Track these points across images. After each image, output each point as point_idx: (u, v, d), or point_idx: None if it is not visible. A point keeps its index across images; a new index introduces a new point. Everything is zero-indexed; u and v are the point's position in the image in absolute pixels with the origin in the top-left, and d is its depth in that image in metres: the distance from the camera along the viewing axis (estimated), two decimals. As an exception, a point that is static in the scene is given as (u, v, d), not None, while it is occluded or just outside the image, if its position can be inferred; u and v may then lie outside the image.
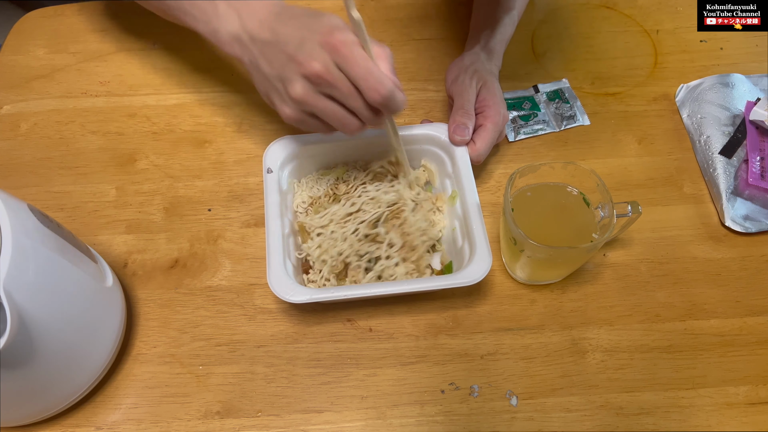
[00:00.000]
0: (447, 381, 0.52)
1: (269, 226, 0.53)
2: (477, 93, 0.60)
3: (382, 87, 0.45)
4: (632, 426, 0.50)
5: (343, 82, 0.45)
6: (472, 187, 0.55)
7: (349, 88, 0.46)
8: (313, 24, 0.45)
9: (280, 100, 0.49)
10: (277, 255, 0.51)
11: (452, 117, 0.59)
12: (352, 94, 0.46)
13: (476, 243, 0.52)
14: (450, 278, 0.51)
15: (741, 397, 0.52)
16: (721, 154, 0.62)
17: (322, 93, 0.47)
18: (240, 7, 0.49)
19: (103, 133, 0.66)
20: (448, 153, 0.58)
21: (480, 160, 0.58)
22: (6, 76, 0.70)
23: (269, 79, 0.49)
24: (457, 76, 0.61)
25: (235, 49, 0.50)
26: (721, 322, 0.55)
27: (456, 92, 0.61)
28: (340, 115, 0.48)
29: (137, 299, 0.56)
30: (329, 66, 0.45)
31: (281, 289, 0.49)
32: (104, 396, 0.51)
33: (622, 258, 0.59)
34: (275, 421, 0.50)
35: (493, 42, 0.65)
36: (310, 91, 0.46)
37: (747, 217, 0.60)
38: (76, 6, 0.75)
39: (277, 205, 0.54)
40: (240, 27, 0.49)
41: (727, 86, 0.67)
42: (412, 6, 0.77)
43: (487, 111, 0.59)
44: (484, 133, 0.58)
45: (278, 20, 0.47)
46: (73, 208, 0.61)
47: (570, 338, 0.54)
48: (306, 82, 0.46)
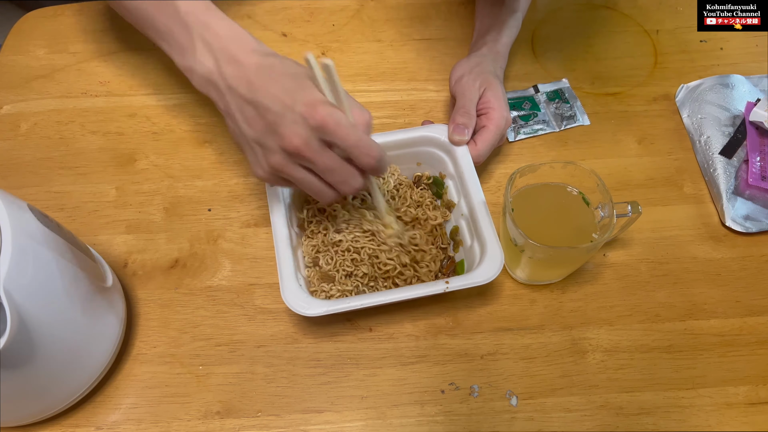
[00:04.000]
0: (447, 381, 0.52)
1: (277, 238, 0.52)
2: (481, 95, 0.60)
3: (374, 152, 0.45)
4: (632, 426, 0.50)
5: (322, 157, 0.45)
6: (477, 186, 0.55)
7: (326, 164, 0.45)
8: (296, 93, 0.44)
9: (255, 161, 0.48)
10: (288, 267, 0.50)
11: (453, 117, 0.59)
12: (329, 170, 0.46)
13: (486, 241, 0.52)
14: (463, 279, 0.50)
15: (741, 397, 0.52)
16: (721, 154, 0.63)
17: (300, 165, 0.46)
18: (216, 47, 0.47)
19: (103, 133, 0.66)
20: (449, 154, 0.58)
21: (480, 161, 0.58)
22: (6, 76, 0.70)
23: (245, 138, 0.47)
24: (462, 76, 0.61)
25: (210, 91, 0.48)
26: (721, 322, 0.55)
27: (459, 92, 0.60)
28: (317, 188, 0.47)
29: (137, 299, 0.56)
30: (311, 142, 0.44)
31: (296, 303, 0.48)
32: (104, 396, 0.51)
33: (622, 258, 0.59)
34: (275, 421, 0.50)
35: (499, 45, 0.65)
36: (288, 163, 0.46)
37: (747, 217, 0.60)
38: (76, 6, 0.75)
39: (283, 216, 0.53)
40: (216, 71, 0.46)
41: (727, 87, 0.67)
42: (412, 6, 0.77)
43: (491, 113, 0.59)
44: (485, 134, 0.58)
45: (258, 74, 0.45)
46: (73, 208, 0.61)
47: (570, 338, 0.54)
48: (285, 155, 0.45)
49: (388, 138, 0.58)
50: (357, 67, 0.71)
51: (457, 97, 0.60)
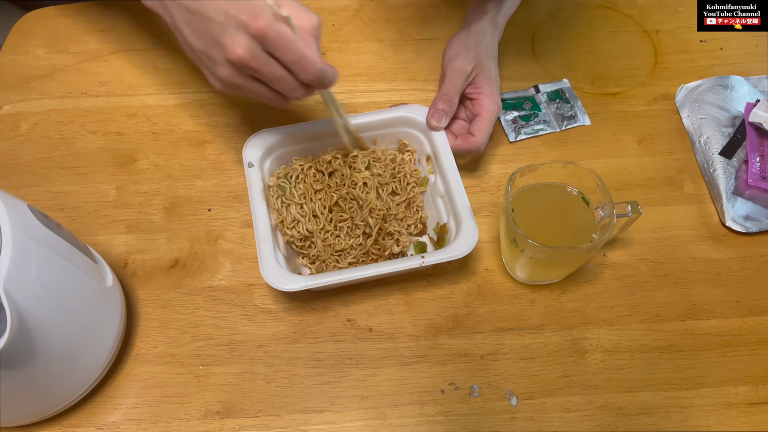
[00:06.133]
0: (447, 381, 0.52)
1: (256, 218, 0.53)
2: (473, 78, 0.60)
3: (314, 68, 0.46)
4: (632, 426, 0.50)
5: (268, 68, 0.45)
6: (453, 165, 0.56)
7: (273, 74, 0.46)
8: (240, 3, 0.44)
9: (208, 73, 0.49)
10: (267, 246, 0.51)
11: (434, 101, 0.59)
12: (277, 79, 0.46)
13: (462, 218, 0.53)
14: (439, 253, 0.51)
15: (741, 397, 0.52)
16: (721, 154, 0.63)
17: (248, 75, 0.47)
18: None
19: (103, 133, 0.66)
20: (425, 134, 0.59)
21: (480, 151, 0.58)
22: (6, 76, 0.70)
23: (195, 52, 0.48)
24: (457, 55, 0.60)
25: (156, 7, 0.49)
26: (721, 322, 0.55)
27: (448, 74, 0.60)
28: (267, 95, 0.49)
29: (137, 299, 0.56)
30: (254, 52, 0.44)
31: (275, 279, 0.49)
32: (104, 396, 0.51)
33: (622, 258, 0.59)
34: (275, 421, 0.50)
35: (500, 16, 0.64)
36: (236, 75, 0.46)
37: (748, 217, 0.60)
38: (76, 6, 0.75)
39: (261, 198, 0.54)
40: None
41: (726, 88, 0.67)
42: (412, 6, 0.77)
43: (482, 99, 0.59)
44: (481, 124, 0.58)
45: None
46: (73, 208, 0.61)
47: (570, 338, 0.54)
48: (232, 66, 0.46)
49: (366, 119, 0.59)
50: (357, 67, 0.71)
51: (445, 80, 0.60)
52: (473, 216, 0.53)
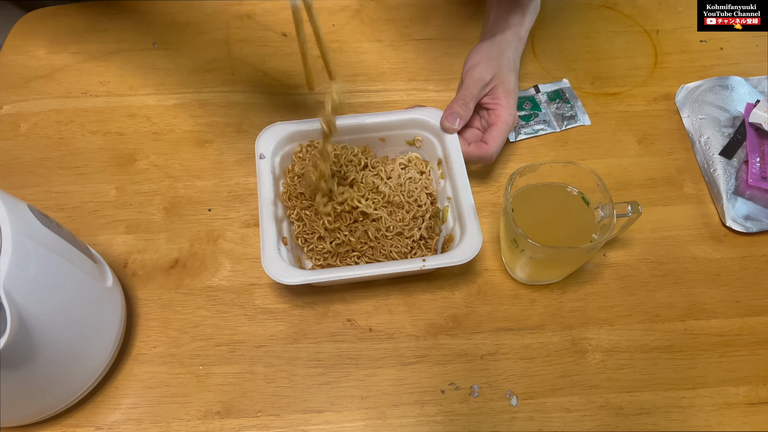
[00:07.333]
0: (447, 381, 0.52)
1: (262, 210, 0.53)
2: (491, 89, 0.60)
3: None
4: (632, 426, 0.50)
5: None
6: (462, 170, 0.56)
7: None
8: None
9: None
10: (270, 238, 0.51)
11: (450, 104, 0.59)
12: None
13: (467, 223, 0.53)
14: (441, 258, 0.51)
15: (741, 397, 0.52)
16: (721, 154, 0.63)
17: None
18: None
19: (103, 133, 0.66)
20: (438, 137, 0.59)
21: (491, 160, 0.58)
22: (6, 76, 0.70)
23: None
24: (477, 64, 0.60)
25: None
26: (721, 322, 0.55)
27: (466, 82, 0.60)
28: None
29: (137, 299, 0.56)
30: None
31: (276, 271, 0.50)
32: (104, 396, 0.51)
33: (622, 258, 0.59)
34: (275, 421, 0.50)
35: (523, 30, 0.64)
36: None
37: (748, 217, 0.60)
38: (76, 6, 0.75)
39: (270, 190, 0.54)
40: None
41: (726, 88, 0.67)
42: (412, 6, 0.77)
43: (499, 109, 0.59)
44: (495, 133, 0.58)
45: None
46: (73, 208, 0.61)
47: (570, 338, 0.54)
48: None
49: (380, 119, 0.59)
50: (357, 67, 0.71)
51: (463, 86, 0.60)
52: (478, 222, 0.52)
